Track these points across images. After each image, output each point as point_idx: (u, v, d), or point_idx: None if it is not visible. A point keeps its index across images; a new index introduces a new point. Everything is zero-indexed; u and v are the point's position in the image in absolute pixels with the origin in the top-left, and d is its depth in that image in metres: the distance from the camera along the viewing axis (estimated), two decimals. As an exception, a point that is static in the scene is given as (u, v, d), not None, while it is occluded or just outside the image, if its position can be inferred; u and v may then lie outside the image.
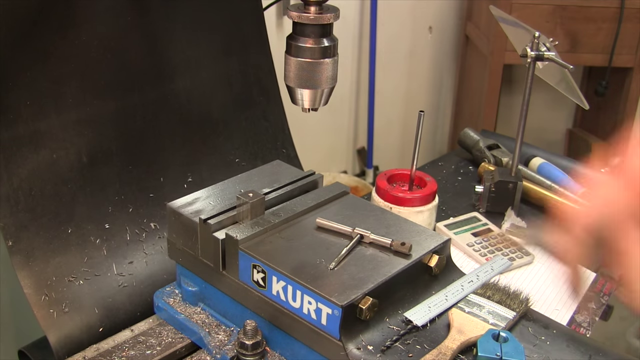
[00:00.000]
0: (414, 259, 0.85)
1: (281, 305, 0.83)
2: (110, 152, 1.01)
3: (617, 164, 0.78)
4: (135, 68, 1.04)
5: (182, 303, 0.96)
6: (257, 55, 1.22)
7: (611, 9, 2.45)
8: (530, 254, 1.19)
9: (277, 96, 1.26)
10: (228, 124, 1.18)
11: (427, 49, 3.06)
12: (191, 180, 1.12)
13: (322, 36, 0.82)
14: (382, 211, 0.97)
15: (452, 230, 1.24)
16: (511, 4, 2.47)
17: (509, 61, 2.57)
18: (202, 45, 1.13)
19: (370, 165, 2.92)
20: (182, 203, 0.92)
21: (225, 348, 0.87)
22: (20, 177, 0.92)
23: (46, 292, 0.92)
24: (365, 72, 2.81)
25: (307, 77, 0.83)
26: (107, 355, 0.89)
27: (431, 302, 0.85)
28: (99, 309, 0.96)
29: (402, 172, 1.22)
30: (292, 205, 0.94)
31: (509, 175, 1.34)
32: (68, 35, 0.94)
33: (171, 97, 1.09)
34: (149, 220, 1.05)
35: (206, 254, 0.89)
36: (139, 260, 1.02)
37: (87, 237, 0.98)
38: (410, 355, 0.78)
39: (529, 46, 1.24)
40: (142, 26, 1.03)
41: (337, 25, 0.83)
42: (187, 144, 1.12)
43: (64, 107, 0.95)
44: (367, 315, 0.78)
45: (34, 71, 0.91)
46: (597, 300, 1.11)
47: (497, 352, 0.76)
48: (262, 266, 0.83)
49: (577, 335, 0.87)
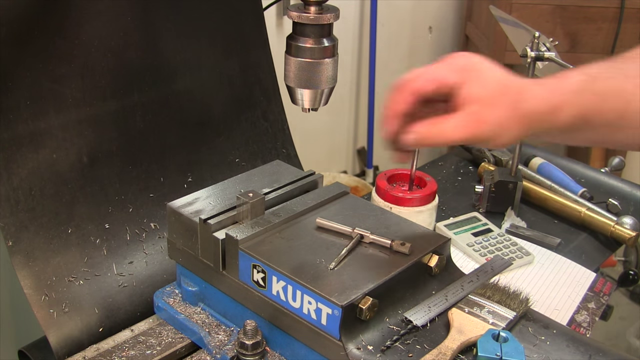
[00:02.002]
0: (414, 259, 0.85)
1: (281, 305, 0.83)
2: (110, 152, 1.01)
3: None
4: (135, 68, 1.04)
5: (182, 303, 0.96)
6: (257, 55, 1.22)
7: (611, 9, 2.45)
8: (530, 254, 1.19)
9: (277, 96, 1.26)
10: (228, 124, 1.18)
11: (427, 49, 3.06)
12: (191, 180, 1.12)
13: (322, 36, 0.82)
14: (382, 211, 0.97)
15: (452, 230, 1.24)
16: (511, 4, 2.47)
17: (509, 61, 2.57)
18: (202, 45, 1.13)
19: (370, 165, 2.92)
20: (182, 203, 0.92)
21: (225, 348, 0.87)
22: (20, 177, 0.92)
23: (46, 292, 0.92)
24: (365, 72, 2.81)
25: (307, 77, 0.83)
26: (107, 355, 0.89)
27: (431, 302, 0.85)
28: (99, 309, 0.96)
29: (402, 172, 1.22)
30: (292, 205, 0.94)
31: (509, 175, 1.34)
32: (68, 35, 0.94)
33: (171, 97, 1.09)
34: (149, 220, 1.05)
35: (206, 254, 0.89)
36: (139, 260, 1.02)
37: (87, 237, 0.98)
38: (410, 355, 0.78)
39: (529, 46, 1.24)
40: (142, 26, 1.03)
41: (337, 25, 0.83)
42: (187, 144, 1.12)
43: (64, 107, 0.95)
44: (367, 315, 0.78)
45: (34, 71, 0.91)
46: (597, 300, 1.11)
47: (497, 352, 0.76)
48: (262, 266, 0.83)
49: (577, 335, 0.87)
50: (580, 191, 1.39)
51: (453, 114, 0.73)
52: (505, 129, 0.72)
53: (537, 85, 0.74)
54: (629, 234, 1.26)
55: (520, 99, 0.72)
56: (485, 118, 0.71)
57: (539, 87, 0.74)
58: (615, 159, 1.59)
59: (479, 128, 0.71)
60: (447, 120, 0.72)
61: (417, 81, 0.75)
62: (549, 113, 0.73)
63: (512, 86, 0.73)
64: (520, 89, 0.73)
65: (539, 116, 0.73)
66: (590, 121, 0.74)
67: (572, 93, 0.73)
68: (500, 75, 0.74)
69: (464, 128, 0.71)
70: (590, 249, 1.28)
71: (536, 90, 0.73)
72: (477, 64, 0.75)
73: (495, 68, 0.75)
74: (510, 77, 0.74)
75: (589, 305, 1.10)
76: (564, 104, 0.72)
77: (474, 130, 0.71)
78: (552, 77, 0.75)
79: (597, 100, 0.73)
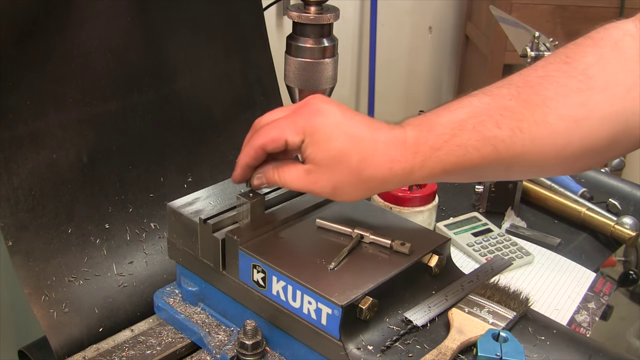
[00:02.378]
0: (414, 259, 0.85)
1: (281, 305, 0.83)
2: (110, 152, 1.01)
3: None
4: (135, 68, 1.04)
5: (182, 303, 0.96)
6: (257, 55, 1.22)
7: (611, 9, 2.45)
8: (530, 254, 1.19)
9: (277, 96, 1.26)
10: (228, 124, 1.18)
11: (427, 49, 3.06)
12: (191, 180, 1.12)
13: (322, 36, 0.82)
14: (382, 211, 0.97)
15: (452, 230, 1.24)
16: (511, 4, 2.47)
17: (509, 61, 2.57)
18: (202, 45, 1.13)
19: (370, 165, 2.91)
20: (182, 203, 0.92)
21: (225, 348, 0.87)
22: (20, 177, 0.92)
23: (46, 292, 0.92)
24: (365, 72, 2.81)
25: (307, 77, 0.83)
26: (107, 355, 0.89)
27: (431, 302, 0.85)
28: (99, 309, 0.96)
29: (402, 172, 1.21)
30: (292, 205, 0.94)
31: (509, 175, 1.34)
32: (68, 35, 0.94)
33: (171, 97, 1.09)
34: (149, 220, 1.05)
35: (206, 254, 0.89)
36: (139, 260, 1.02)
37: (87, 237, 0.98)
38: (410, 355, 0.78)
39: (529, 46, 1.24)
40: (142, 26, 1.03)
41: (337, 25, 0.83)
42: (187, 144, 1.12)
43: (64, 107, 0.95)
44: (367, 315, 0.78)
45: (34, 71, 0.91)
46: (597, 300, 1.11)
47: (497, 352, 0.76)
48: (262, 266, 0.83)
49: (577, 335, 0.87)
50: (580, 191, 1.39)
51: (297, 164, 0.75)
52: (344, 191, 0.74)
53: (386, 147, 0.72)
54: (629, 234, 1.26)
55: (361, 166, 0.71)
56: (320, 180, 0.73)
57: (387, 149, 0.72)
58: (615, 159, 1.59)
59: (314, 186, 0.74)
60: (290, 171, 0.75)
61: (262, 137, 0.77)
62: (393, 177, 0.72)
63: (354, 151, 0.71)
64: (363, 156, 0.72)
65: (382, 181, 0.73)
66: (457, 172, 0.72)
67: (431, 150, 0.71)
68: (344, 139, 0.72)
69: (303, 182, 0.74)
70: (590, 249, 1.28)
71: (379, 158, 0.72)
72: (321, 126, 0.73)
73: (344, 125, 0.73)
74: (357, 137, 0.72)
75: (589, 305, 1.10)
76: (415, 167, 0.71)
77: (311, 187, 0.74)
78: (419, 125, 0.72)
79: (461, 153, 0.70)
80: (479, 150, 0.70)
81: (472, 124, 0.70)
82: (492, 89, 0.74)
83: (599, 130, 0.68)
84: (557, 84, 0.69)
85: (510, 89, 0.72)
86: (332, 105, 0.75)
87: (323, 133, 0.72)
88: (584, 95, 0.68)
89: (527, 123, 0.69)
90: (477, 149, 0.70)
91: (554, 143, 0.69)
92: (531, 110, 0.69)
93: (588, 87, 0.68)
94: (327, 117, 0.73)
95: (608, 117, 0.68)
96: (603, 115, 0.68)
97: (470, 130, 0.70)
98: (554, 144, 0.69)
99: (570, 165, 0.73)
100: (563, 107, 0.68)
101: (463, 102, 0.73)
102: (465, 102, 0.73)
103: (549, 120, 0.68)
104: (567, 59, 0.70)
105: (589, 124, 0.68)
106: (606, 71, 0.68)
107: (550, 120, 0.68)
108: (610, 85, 0.68)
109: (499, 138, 0.69)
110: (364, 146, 0.72)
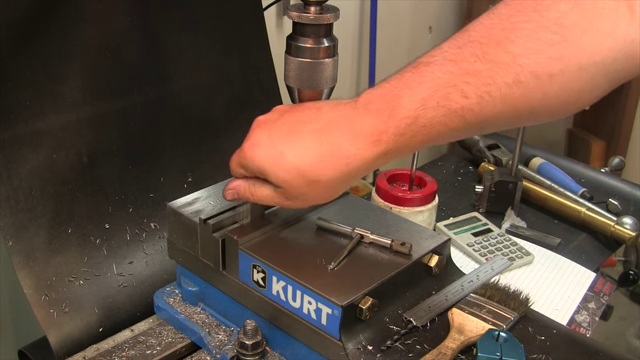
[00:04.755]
0: (414, 259, 0.85)
1: (281, 305, 0.83)
2: (110, 152, 1.01)
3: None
4: (135, 68, 1.04)
5: (182, 303, 0.96)
6: (257, 55, 1.22)
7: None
8: (530, 254, 1.19)
9: (277, 96, 1.26)
10: (228, 124, 1.18)
11: (427, 49, 3.05)
12: (191, 180, 1.12)
13: (322, 36, 0.82)
14: (382, 211, 0.97)
15: (452, 230, 1.24)
16: (511, 4, 2.47)
17: (509, 61, 2.57)
18: (202, 45, 1.13)
19: (370, 165, 2.91)
20: (182, 203, 0.92)
21: (225, 348, 0.87)
22: (20, 177, 0.92)
23: (46, 292, 0.92)
24: (365, 72, 2.81)
25: (307, 77, 0.83)
26: (107, 355, 0.89)
27: (431, 302, 0.85)
28: (99, 309, 0.96)
29: (402, 172, 1.22)
30: (292, 205, 0.94)
31: (509, 175, 1.34)
32: (68, 35, 0.94)
33: (171, 97, 1.09)
34: (149, 220, 1.05)
35: (206, 254, 0.89)
36: (139, 260, 1.02)
37: (87, 237, 0.98)
38: (410, 355, 0.78)
39: (529, 46, 1.24)
40: (142, 26, 1.03)
41: (337, 25, 0.83)
42: (187, 144, 1.12)
43: (64, 107, 0.95)
44: (367, 315, 0.78)
45: (34, 71, 0.91)
46: (597, 300, 1.11)
47: (497, 352, 0.76)
48: (262, 266, 0.83)
49: (577, 335, 0.88)
50: (580, 191, 1.39)
51: (268, 183, 0.77)
52: (315, 198, 0.76)
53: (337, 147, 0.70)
54: (629, 234, 1.26)
55: (318, 174, 0.72)
56: (289, 197, 0.76)
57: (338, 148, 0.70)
58: (616, 159, 1.59)
59: (286, 202, 0.77)
60: (262, 188, 0.78)
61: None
62: (354, 170, 0.71)
63: (304, 165, 0.72)
64: (314, 166, 0.71)
65: (343, 180, 0.73)
66: (426, 145, 0.70)
67: (394, 137, 0.68)
68: (292, 159, 0.72)
69: (275, 200, 0.77)
70: (590, 249, 1.28)
71: (330, 161, 0.71)
72: (261, 158, 0.74)
73: (284, 145, 0.73)
74: (303, 150, 0.72)
75: (589, 305, 1.10)
76: (379, 155, 0.70)
77: (283, 203, 0.77)
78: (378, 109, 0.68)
79: (427, 132, 0.67)
80: (446, 125, 0.66)
81: (435, 99, 0.65)
82: (452, 49, 0.68)
83: (576, 82, 0.63)
84: (528, 37, 0.62)
85: (473, 47, 0.65)
86: (264, 129, 0.77)
87: (271, 165, 0.74)
88: (559, 48, 0.61)
89: (496, 86, 0.63)
90: (444, 124, 0.66)
91: (528, 100, 0.64)
92: (500, 71, 0.63)
93: (563, 38, 0.61)
94: (262, 148, 0.75)
95: (586, 68, 0.62)
96: (581, 67, 0.62)
97: (434, 107, 0.66)
98: (528, 101, 0.64)
99: (547, 116, 0.67)
100: (536, 64, 0.62)
101: (423, 75, 0.68)
102: (426, 74, 0.67)
103: (520, 79, 0.62)
104: (537, 6, 0.62)
105: (566, 77, 0.62)
106: (583, 18, 0.61)
107: (522, 79, 0.62)
108: (587, 34, 0.61)
109: (466, 108, 0.65)
110: (310, 156, 0.72)
